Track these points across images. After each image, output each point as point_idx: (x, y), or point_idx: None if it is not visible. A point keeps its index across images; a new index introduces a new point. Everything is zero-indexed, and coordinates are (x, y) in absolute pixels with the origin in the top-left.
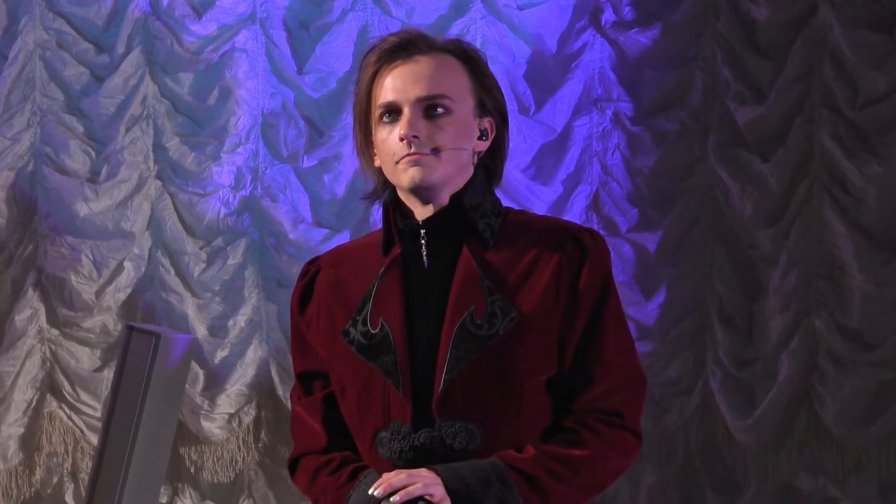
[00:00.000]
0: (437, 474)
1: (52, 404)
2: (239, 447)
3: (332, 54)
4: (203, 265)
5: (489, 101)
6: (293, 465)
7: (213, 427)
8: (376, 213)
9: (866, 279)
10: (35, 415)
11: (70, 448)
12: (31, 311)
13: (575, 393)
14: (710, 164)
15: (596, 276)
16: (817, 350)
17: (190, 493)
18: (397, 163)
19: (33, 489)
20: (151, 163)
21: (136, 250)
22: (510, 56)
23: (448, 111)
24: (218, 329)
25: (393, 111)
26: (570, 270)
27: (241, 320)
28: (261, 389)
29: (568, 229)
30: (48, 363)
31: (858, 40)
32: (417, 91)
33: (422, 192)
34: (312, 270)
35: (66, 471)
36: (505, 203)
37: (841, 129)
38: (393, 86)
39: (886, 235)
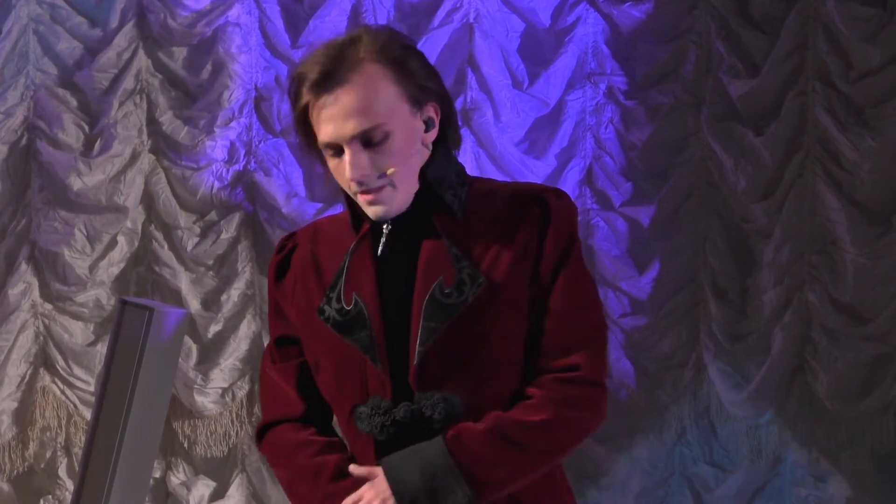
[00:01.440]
0: (387, 481)
1: (45, 378)
2: (232, 421)
3: (326, 28)
4: (196, 239)
5: (421, 92)
6: (263, 432)
7: (206, 401)
8: None
9: (859, 253)
10: (28, 389)
11: (63, 422)
12: (24, 286)
13: (532, 352)
14: (704, 138)
15: (560, 234)
16: (810, 324)
17: (183, 468)
18: (354, 194)
19: (27, 463)
20: (145, 137)
21: (129, 224)
22: (503, 30)
23: (386, 135)
24: (211, 303)
25: (334, 148)
26: (535, 232)
27: (234, 294)
28: (254, 364)
29: (532, 192)
30: (41, 337)
31: (852, 13)
32: (350, 129)
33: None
34: (289, 246)
35: (59, 445)
36: (500, 178)
37: (834, 103)
38: (326, 126)
39: (880, 209)
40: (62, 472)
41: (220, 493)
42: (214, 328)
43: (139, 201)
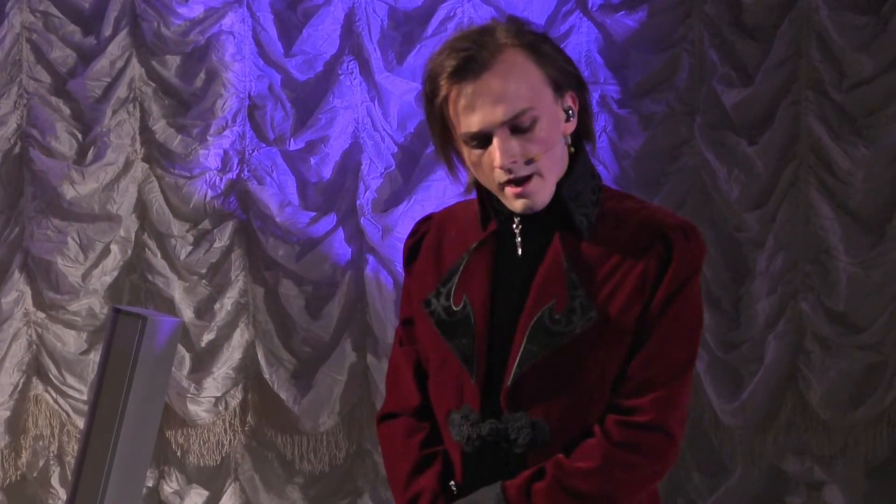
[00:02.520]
0: None
1: (38, 387)
2: (225, 430)
3: (319, 36)
4: (189, 248)
5: (562, 77)
6: (384, 419)
7: (199, 410)
8: (363, 197)
9: (853, 262)
10: (21, 398)
11: (56, 431)
12: (17, 294)
13: (616, 389)
14: (697, 147)
15: (678, 276)
16: (804, 333)
17: (176, 477)
18: (500, 186)
19: (19, 472)
20: (138, 145)
21: (122, 233)
22: None
23: (534, 120)
24: (204, 312)
25: (480, 138)
26: (655, 271)
27: (227, 303)
28: (247, 372)
29: (661, 226)
30: (34, 346)
31: (845, 22)
32: (500, 115)
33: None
34: (422, 230)
35: (52, 454)
36: None
37: (828, 112)
38: (473, 114)
39: (873, 218)
40: (55, 480)
41: (212, 501)
42: (207, 337)
43: (132, 210)
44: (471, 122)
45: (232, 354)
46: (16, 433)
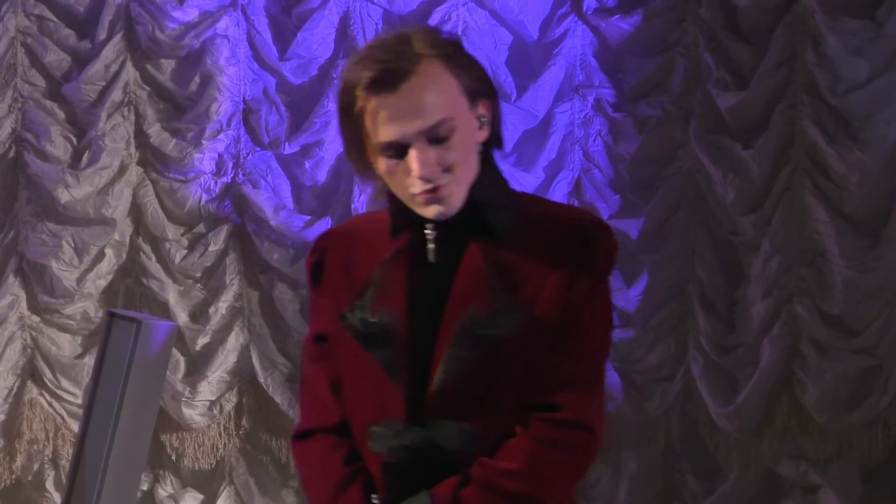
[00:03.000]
0: None
1: (32, 391)
2: (220, 434)
3: (313, 40)
4: (184, 252)
5: (477, 85)
6: (301, 436)
7: (194, 414)
8: (358, 201)
9: (848, 266)
10: (16, 402)
11: (51, 435)
12: (11, 298)
13: (538, 387)
14: (692, 151)
15: (596, 274)
16: (799, 336)
17: (171, 480)
18: (414, 197)
19: (14, 476)
20: (133, 149)
21: (117, 237)
22: (491, 43)
23: (452, 131)
24: (199, 315)
25: (396, 149)
26: (574, 269)
27: (222, 307)
28: (242, 376)
29: (578, 226)
30: (29, 350)
31: (840, 26)
32: (418, 126)
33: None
34: (323, 246)
35: (46, 458)
36: None
37: (823, 116)
38: (390, 125)
39: (868, 222)
40: (49, 484)
41: None
42: (202, 340)
43: (127, 213)
44: (388, 133)
45: (227, 358)
46: (10, 437)
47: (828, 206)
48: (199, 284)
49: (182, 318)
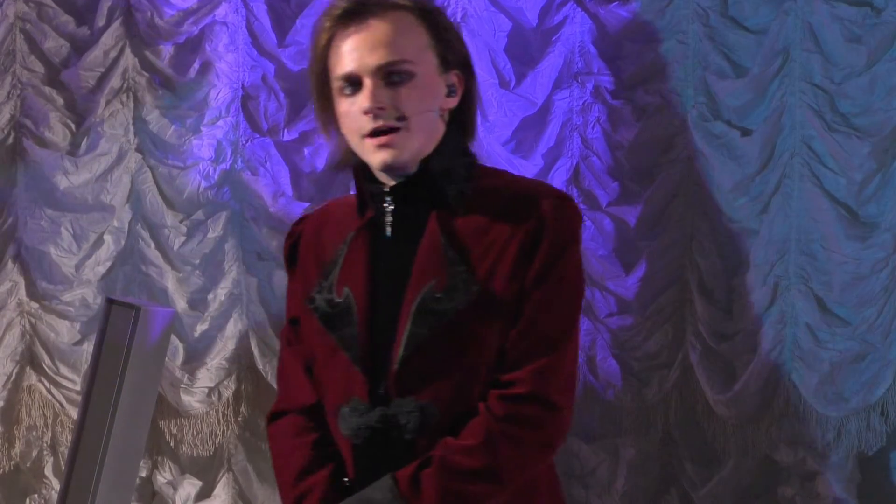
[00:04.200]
0: None
1: (31, 377)
2: (218, 421)
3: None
4: (183, 238)
5: (451, 55)
6: (272, 418)
7: (192, 401)
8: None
9: (845, 253)
10: (14, 388)
11: (49, 421)
12: (10, 284)
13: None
14: (690, 138)
15: (554, 244)
16: (797, 323)
17: (169, 467)
18: (363, 138)
19: (13, 462)
20: (131, 136)
21: (115, 223)
22: (490, 30)
23: (410, 75)
24: (198, 302)
25: (353, 82)
26: (530, 240)
27: (221, 294)
28: (241, 363)
29: (535, 197)
30: (28, 336)
31: (838, 14)
32: (376, 59)
33: (393, 169)
34: (298, 230)
35: (45, 444)
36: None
37: (821, 103)
38: (350, 56)
39: (865, 209)
40: (48, 471)
41: (206, 492)
42: (201, 327)
43: (126, 200)
44: (345, 63)
45: (225, 345)
46: (9, 423)
47: (825, 193)
48: (197, 271)
49: (181, 304)
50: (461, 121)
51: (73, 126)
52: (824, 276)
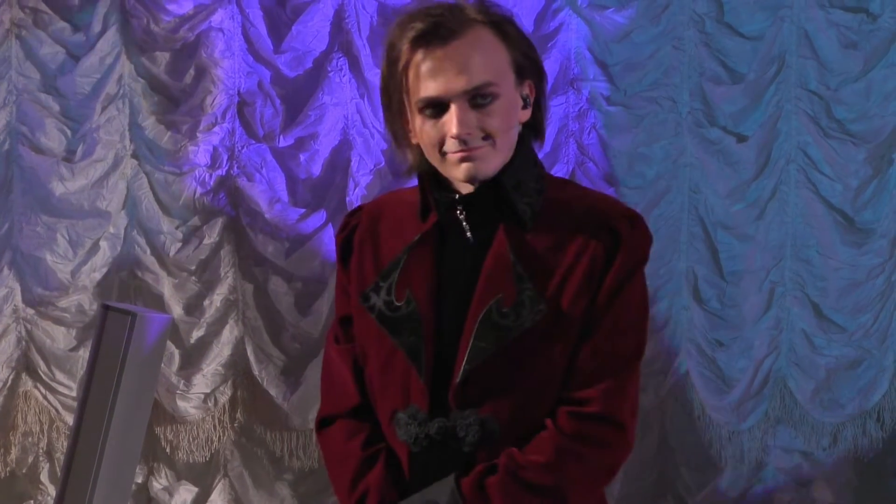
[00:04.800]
0: None
1: (27, 383)
2: (214, 427)
3: (308, 33)
4: (179, 244)
5: (526, 63)
6: (321, 425)
7: (188, 406)
8: (352, 194)
9: (841, 259)
10: (10, 394)
11: (45, 427)
12: (6, 290)
13: (566, 381)
14: (686, 144)
15: (625, 266)
16: (792, 329)
17: (165, 473)
18: (445, 154)
19: (8, 469)
20: (127, 142)
21: (111, 229)
22: None
23: (495, 97)
24: (194, 308)
25: (437, 105)
26: (602, 260)
27: (216, 299)
28: (237, 369)
29: (607, 215)
30: (23, 342)
31: (834, 20)
32: (462, 84)
33: (475, 181)
34: (353, 223)
35: (41, 450)
36: None
37: (816, 109)
38: (434, 79)
39: (861, 215)
40: (44, 477)
41: (202, 498)
42: (197, 333)
43: (122, 206)
44: (430, 87)
45: (221, 351)
46: (5, 429)
47: (821, 199)
48: (193, 277)
49: (177, 310)
50: (532, 127)
51: (68, 132)
52: (820, 282)
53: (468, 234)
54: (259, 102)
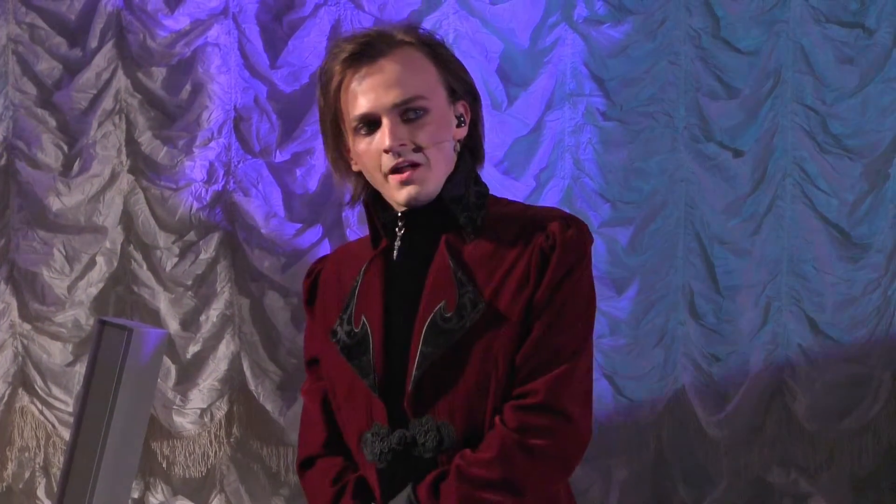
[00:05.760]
0: None
1: (23, 399)
2: (211, 442)
3: (304, 49)
4: (175, 259)
5: (458, 84)
6: (302, 466)
7: (184, 422)
8: (348, 209)
9: (837, 274)
10: (7, 409)
11: (42, 443)
12: (2, 306)
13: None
14: (682, 159)
15: (561, 263)
16: (789, 345)
17: (162, 488)
18: (386, 176)
19: (5, 484)
20: (124, 157)
21: (108, 244)
22: (482, 51)
23: (425, 111)
24: (190, 323)
25: (370, 122)
26: (538, 261)
27: (213, 315)
28: (233, 384)
29: (544, 221)
30: (20, 358)
31: (830, 35)
32: (392, 98)
33: (418, 203)
34: (317, 269)
35: (37, 465)
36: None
37: (812, 124)
38: (365, 96)
39: (857, 230)
40: (41, 492)
41: None
42: (193, 348)
43: (118, 221)
44: (362, 104)
45: (217, 366)
46: (1, 445)
47: (817, 214)
48: (189, 292)
49: (173, 325)
50: (471, 148)
51: (65, 147)
52: (816, 297)
53: (395, 253)
54: (255, 118)
